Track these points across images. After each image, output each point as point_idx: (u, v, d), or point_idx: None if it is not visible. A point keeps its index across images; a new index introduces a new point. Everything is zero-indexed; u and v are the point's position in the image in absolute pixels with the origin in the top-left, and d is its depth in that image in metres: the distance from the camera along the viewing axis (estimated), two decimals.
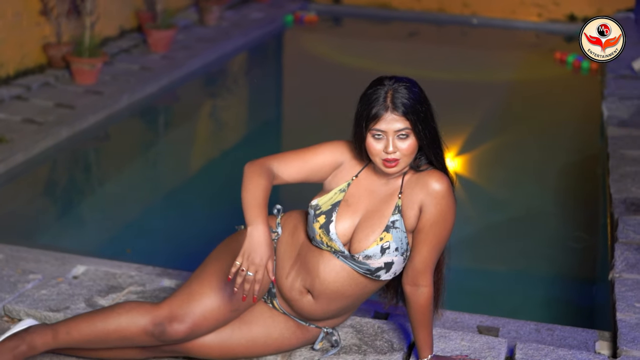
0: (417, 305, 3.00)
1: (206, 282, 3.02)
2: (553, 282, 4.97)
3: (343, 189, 3.01)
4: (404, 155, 2.86)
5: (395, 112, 2.82)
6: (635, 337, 3.46)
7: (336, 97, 8.74)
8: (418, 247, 2.95)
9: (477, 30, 12.17)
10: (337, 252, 2.96)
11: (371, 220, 2.95)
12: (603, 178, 6.03)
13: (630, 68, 8.40)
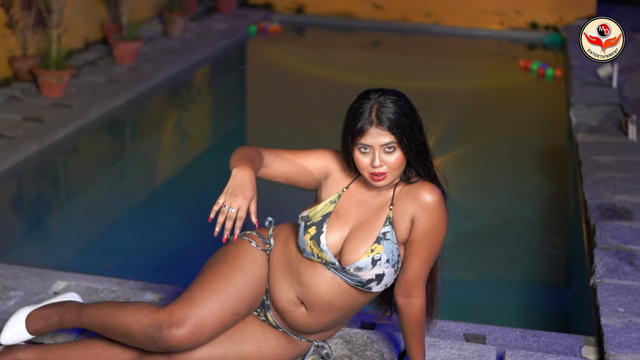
0: (409, 317, 3.00)
1: (206, 287, 3.00)
2: (531, 289, 5.01)
3: (334, 200, 3.01)
4: (391, 169, 2.87)
5: (380, 127, 2.82)
6: (621, 342, 3.50)
7: (300, 107, 8.77)
8: (410, 259, 2.95)
9: (440, 39, 12.24)
10: (328, 263, 2.96)
11: (362, 232, 2.95)
12: (574, 184, 6.09)
13: (595, 75, 8.49)
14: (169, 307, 2.96)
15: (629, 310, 3.78)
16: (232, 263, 3.07)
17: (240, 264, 3.07)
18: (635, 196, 5.19)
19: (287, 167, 3.03)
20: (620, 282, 4.07)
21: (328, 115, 8.15)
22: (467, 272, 5.19)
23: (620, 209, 4.97)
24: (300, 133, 7.82)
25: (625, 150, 6.17)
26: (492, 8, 12.11)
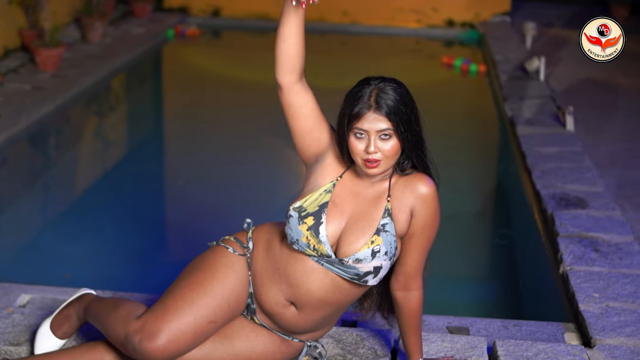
0: (409, 310, 2.98)
1: (179, 297, 2.91)
2: (489, 280, 5.04)
3: (329, 189, 2.91)
4: (386, 157, 2.81)
5: (378, 112, 2.77)
6: (604, 326, 3.54)
7: (221, 110, 8.67)
8: (410, 252, 2.92)
9: (357, 38, 12.28)
10: (322, 256, 2.87)
11: (361, 223, 2.88)
12: (517, 175, 6.16)
13: (522, 69, 8.63)
14: (142, 319, 2.88)
15: (604, 296, 3.83)
16: (207, 271, 2.99)
17: (216, 272, 2.99)
18: (585, 185, 5.28)
19: (313, 101, 2.90)
20: (589, 268, 4.12)
21: (249, 117, 8.18)
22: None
23: (573, 198, 5.05)
24: (222, 136, 7.74)
25: (565, 141, 6.28)
26: (408, 6, 12.21)
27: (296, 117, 2.89)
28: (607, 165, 5.87)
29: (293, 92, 2.85)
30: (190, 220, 5.70)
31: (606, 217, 4.75)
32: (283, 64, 2.83)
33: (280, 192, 6.29)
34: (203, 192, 6.19)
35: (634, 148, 6.38)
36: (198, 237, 5.41)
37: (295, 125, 2.91)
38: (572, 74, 8.88)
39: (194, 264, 3.05)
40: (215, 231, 5.53)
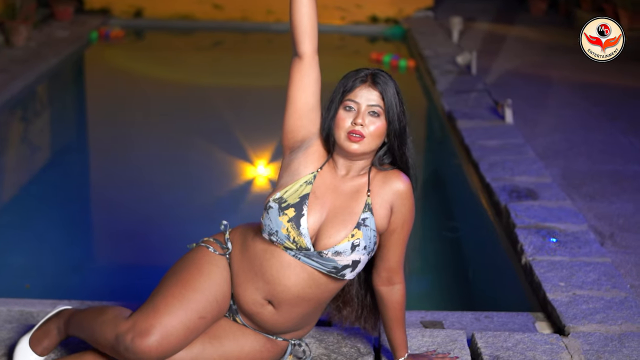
0: (394, 304, 3.01)
1: (168, 294, 2.88)
2: (449, 274, 5.10)
3: (309, 181, 2.90)
4: (370, 135, 2.82)
5: (373, 87, 2.84)
6: (575, 314, 3.62)
7: (148, 111, 8.58)
8: (392, 248, 2.95)
9: (282, 36, 12.29)
10: (300, 250, 2.86)
11: (341, 216, 2.88)
12: (461, 168, 6.24)
13: (453, 63, 8.76)
14: (132, 318, 2.84)
15: (569, 284, 3.91)
16: (192, 268, 2.97)
17: (200, 268, 2.97)
18: (533, 176, 5.38)
19: (316, 72, 2.90)
20: (551, 258, 4.21)
21: (176, 117, 8.11)
22: None
23: (524, 190, 5.15)
24: (149, 137, 7.66)
25: (507, 133, 6.39)
26: (332, 3, 12.27)
27: (305, 91, 2.88)
28: (549, 157, 6.00)
29: (313, 63, 2.87)
30: (132, 224, 5.64)
31: (558, 207, 4.86)
32: (304, 31, 2.85)
33: (216, 191, 6.26)
34: (137, 196, 6.12)
35: (572, 139, 6.53)
36: (142, 242, 5.38)
37: (300, 99, 2.89)
38: (502, 67, 9.06)
39: (177, 265, 3.03)
40: (155, 236, 5.52)
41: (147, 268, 5.11)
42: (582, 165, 5.89)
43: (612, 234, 4.68)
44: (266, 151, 7.06)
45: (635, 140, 6.54)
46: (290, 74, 2.89)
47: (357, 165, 2.93)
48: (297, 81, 2.88)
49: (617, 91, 8.31)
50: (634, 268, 4.26)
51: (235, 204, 6.09)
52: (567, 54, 10.22)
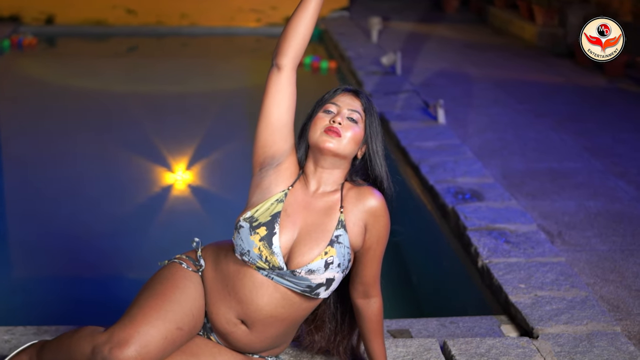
0: (371, 316, 3.00)
1: (145, 306, 2.81)
2: (399, 279, 5.10)
3: (280, 199, 2.86)
4: (346, 138, 2.81)
5: (355, 97, 2.88)
6: (540, 316, 3.67)
7: (66, 122, 8.37)
8: (368, 264, 2.93)
9: (198, 40, 12.19)
10: (273, 269, 2.81)
11: (314, 234, 2.84)
12: (397, 170, 6.26)
13: (377, 64, 8.79)
14: (109, 330, 2.76)
15: (529, 285, 3.96)
16: (166, 283, 2.91)
17: (175, 282, 2.92)
18: (475, 177, 5.44)
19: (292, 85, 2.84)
20: (507, 260, 4.26)
21: (95, 127, 7.93)
22: None
23: (468, 191, 5.20)
24: (69, 149, 7.47)
25: (441, 134, 6.45)
26: (247, 6, 12.22)
27: (280, 107, 2.83)
28: (485, 156, 6.07)
29: (291, 79, 2.82)
30: (60, 240, 5.50)
31: (505, 207, 4.92)
32: (295, 43, 2.80)
33: (146, 203, 6.16)
34: (62, 211, 5.96)
35: (504, 137, 6.62)
36: (75, 259, 5.25)
37: (274, 114, 2.83)
38: (424, 67, 9.14)
39: (152, 280, 2.97)
40: (86, 250, 5.39)
41: (82, 284, 5.01)
42: (518, 164, 5.98)
43: (559, 232, 4.76)
44: (188, 157, 6.97)
45: (565, 136, 6.67)
46: (267, 87, 2.84)
47: (329, 179, 2.90)
48: (273, 95, 2.83)
49: (538, 87, 8.47)
50: (587, 266, 4.34)
51: (164, 213, 6.00)
52: (485, 52, 10.39)
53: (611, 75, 8.91)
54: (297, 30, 2.80)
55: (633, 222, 4.94)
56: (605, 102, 7.89)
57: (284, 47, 2.81)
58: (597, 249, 4.56)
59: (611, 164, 5.97)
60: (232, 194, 6.40)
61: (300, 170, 2.93)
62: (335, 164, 2.87)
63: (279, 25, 12.25)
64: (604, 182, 5.61)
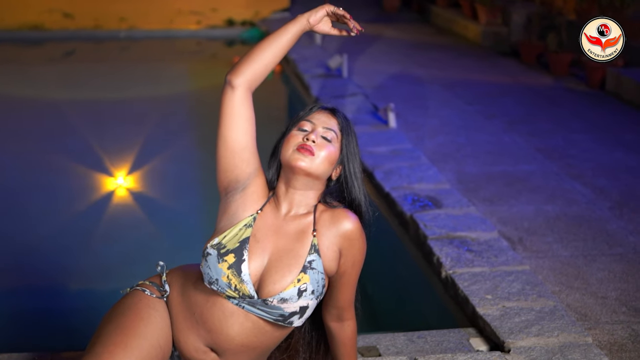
0: (345, 339, 2.89)
1: (109, 342, 2.63)
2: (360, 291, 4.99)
3: (249, 223, 2.72)
4: (320, 157, 2.68)
5: (332, 115, 2.77)
6: (510, 328, 3.58)
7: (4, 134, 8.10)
8: (342, 289, 2.80)
9: (137, 43, 11.96)
10: (244, 297, 2.67)
11: (286, 260, 2.70)
12: None
13: (323, 66, 8.68)
14: None
15: (496, 296, 3.88)
16: (130, 314, 2.75)
17: (139, 313, 2.76)
18: (432, 183, 5.35)
19: (250, 111, 2.70)
20: (471, 270, 4.17)
21: (33, 136, 7.66)
22: None
23: (425, 198, 5.11)
24: (7, 160, 7.21)
25: (392, 138, 6.36)
26: (187, 8, 12.03)
27: (236, 130, 2.66)
28: (439, 160, 6.00)
29: (246, 101, 2.66)
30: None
31: (464, 214, 4.84)
32: (251, 68, 2.67)
33: (88, 214, 5.95)
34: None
35: (457, 140, 6.56)
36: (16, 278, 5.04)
37: (231, 137, 2.67)
38: (370, 69, 9.06)
39: (114, 311, 2.81)
40: (27, 267, 5.16)
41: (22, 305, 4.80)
42: (472, 167, 5.92)
43: (520, 238, 4.70)
44: (132, 166, 6.78)
45: (517, 138, 6.64)
46: (221, 107, 2.68)
47: (301, 201, 2.77)
48: (227, 117, 2.67)
49: (485, 87, 8.44)
50: (550, 273, 4.29)
51: (109, 226, 5.81)
52: (429, 52, 10.35)
53: (557, 74, 8.93)
54: (262, 56, 2.67)
55: (592, 225, 4.90)
56: (554, 102, 7.88)
57: (242, 68, 2.67)
58: (559, 254, 4.50)
59: (566, 166, 5.94)
60: (179, 203, 6.26)
61: (271, 192, 2.79)
62: (307, 185, 2.74)
63: (219, 28, 12.09)
64: (560, 184, 5.57)
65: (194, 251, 5.35)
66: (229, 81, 2.66)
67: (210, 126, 8.21)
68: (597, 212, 5.09)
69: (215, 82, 9.95)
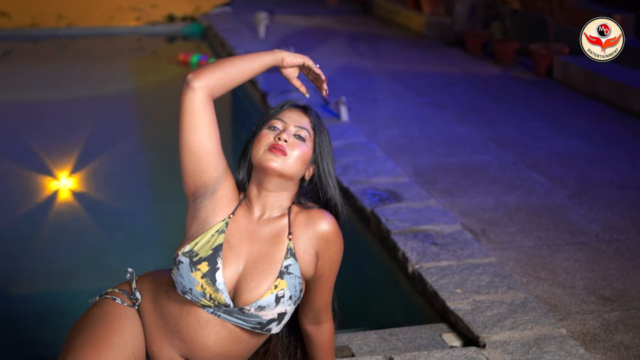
0: (322, 342, 2.81)
1: (83, 356, 2.48)
2: None
3: (221, 229, 2.61)
4: (293, 157, 2.58)
5: (303, 113, 2.68)
6: (484, 323, 3.54)
7: None
8: (320, 291, 2.72)
9: (76, 41, 11.72)
10: (219, 306, 2.58)
11: (261, 266, 2.60)
12: None
13: None
14: None
15: (466, 290, 3.84)
16: (101, 324, 2.62)
17: (111, 323, 2.63)
18: (389, 176, 5.30)
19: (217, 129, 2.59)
20: (438, 264, 4.12)
21: None
22: None
23: (384, 191, 5.05)
24: None
25: (346, 132, 6.29)
26: (127, 4, 11.84)
27: (198, 133, 2.53)
28: (394, 153, 5.94)
29: (206, 102, 2.52)
30: None
31: (425, 207, 4.79)
32: (216, 77, 2.54)
33: (28, 218, 5.77)
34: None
35: (409, 132, 6.51)
36: None
37: (194, 141, 2.54)
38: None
39: (83, 321, 2.67)
40: None
41: None
42: (427, 159, 5.88)
43: (483, 230, 4.66)
44: (76, 167, 6.61)
45: (470, 128, 6.61)
46: (182, 112, 2.54)
47: (275, 203, 2.66)
48: (188, 120, 2.53)
49: (433, 78, 8.42)
50: (516, 264, 4.25)
51: (56, 229, 5.65)
52: (374, 44, 10.30)
53: (503, 63, 8.94)
54: (229, 69, 2.57)
55: (553, 214, 4.89)
56: (503, 91, 7.88)
57: (206, 72, 2.54)
58: (523, 245, 4.48)
59: (521, 155, 5.93)
60: (125, 204, 6.12)
61: (242, 195, 2.68)
62: (281, 186, 2.63)
63: (159, 24, 11.91)
64: (517, 174, 5.55)
65: (144, 253, 5.25)
66: (189, 82, 2.52)
67: (155, 124, 8.08)
68: (556, 201, 5.08)
69: (157, 79, 9.82)
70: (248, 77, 2.60)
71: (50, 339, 4.12)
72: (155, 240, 5.56)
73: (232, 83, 2.58)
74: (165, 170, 6.69)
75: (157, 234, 5.67)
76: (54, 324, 4.27)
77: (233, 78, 2.57)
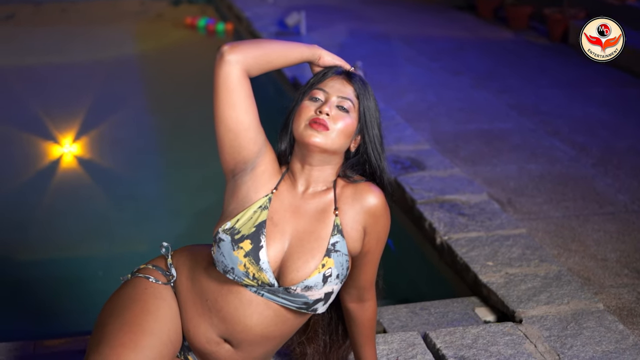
0: (364, 321, 2.71)
1: (117, 343, 2.36)
2: None
3: (264, 205, 2.48)
4: (336, 131, 2.44)
5: (347, 82, 2.50)
6: (518, 297, 3.46)
7: None
8: (365, 268, 2.60)
9: (78, 5, 11.56)
10: (263, 286, 2.47)
11: (307, 244, 2.48)
12: None
13: (279, 24, 8.44)
14: None
15: (498, 262, 3.75)
16: (135, 307, 2.51)
17: (145, 305, 2.52)
18: (410, 143, 5.20)
19: (254, 103, 2.47)
20: (467, 235, 4.03)
21: None
22: None
23: (406, 159, 4.95)
24: None
25: None
26: None
27: (236, 109, 2.41)
28: (413, 120, 5.83)
29: (242, 76, 2.39)
30: None
31: (449, 176, 4.69)
32: (252, 54, 2.41)
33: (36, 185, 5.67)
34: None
35: (427, 98, 6.40)
36: None
37: (231, 117, 2.41)
38: (328, 25, 8.83)
39: (116, 302, 2.55)
40: None
41: None
42: (447, 126, 5.77)
43: (509, 200, 4.57)
44: (81, 133, 6.50)
45: (487, 95, 6.50)
46: (217, 86, 2.40)
47: (319, 177, 2.53)
48: (225, 96, 2.40)
49: (446, 43, 8.29)
50: (546, 235, 4.16)
51: (64, 198, 5.55)
52: (384, 6, 10.14)
53: (516, 27, 8.80)
54: (268, 48, 2.45)
55: (579, 183, 4.80)
56: (517, 57, 7.76)
57: (243, 46, 2.40)
58: (551, 215, 4.38)
59: (541, 123, 5.82)
60: (134, 170, 6.01)
61: (284, 168, 2.57)
62: (324, 161, 2.50)
63: None
64: (540, 142, 5.45)
65: (156, 222, 5.14)
66: (224, 54, 2.38)
67: (162, 89, 7.93)
68: (581, 170, 4.99)
69: (164, 43, 9.67)
70: (282, 64, 2.47)
71: (62, 309, 4.04)
72: (165, 209, 5.46)
73: (267, 66, 2.44)
74: (174, 136, 6.60)
75: (167, 202, 5.57)
76: (64, 293, 4.19)
77: (269, 61, 2.44)
